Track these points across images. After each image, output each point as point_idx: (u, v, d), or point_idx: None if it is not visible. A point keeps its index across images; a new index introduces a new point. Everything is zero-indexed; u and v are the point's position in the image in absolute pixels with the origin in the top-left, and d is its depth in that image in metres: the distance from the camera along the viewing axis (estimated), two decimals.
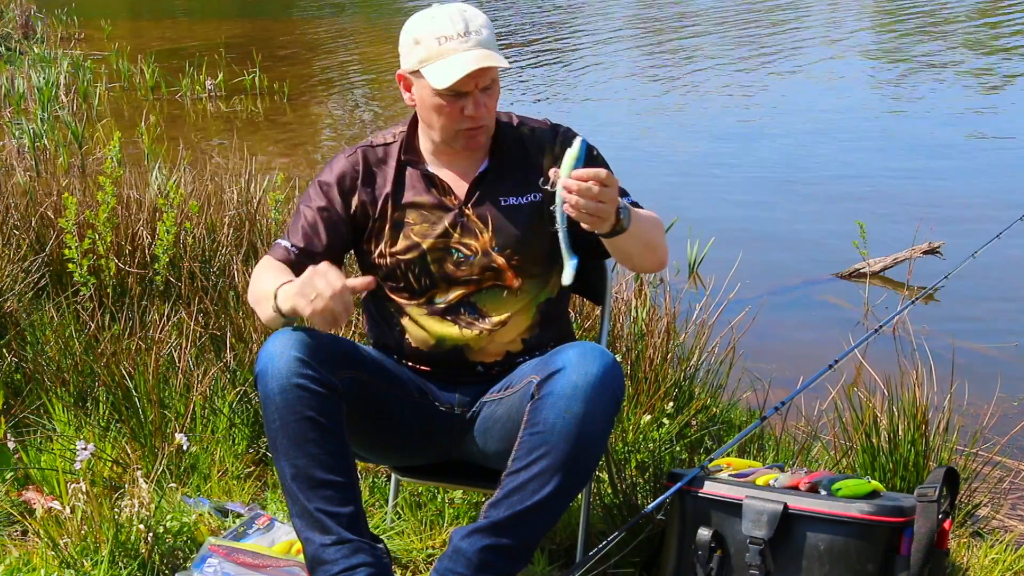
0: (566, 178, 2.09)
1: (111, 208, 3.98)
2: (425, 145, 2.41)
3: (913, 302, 3.29)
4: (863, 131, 8.59)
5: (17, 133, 8.29)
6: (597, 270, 2.60)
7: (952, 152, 7.94)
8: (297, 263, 2.33)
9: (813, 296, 5.50)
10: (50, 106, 9.21)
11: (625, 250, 2.29)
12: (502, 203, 2.37)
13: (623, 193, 2.30)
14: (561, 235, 2.16)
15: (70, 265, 3.80)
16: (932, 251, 5.42)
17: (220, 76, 11.03)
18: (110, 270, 3.91)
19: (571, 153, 2.11)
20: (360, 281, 2.14)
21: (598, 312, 3.13)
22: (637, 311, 3.74)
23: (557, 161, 2.22)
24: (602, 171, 2.09)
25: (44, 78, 9.89)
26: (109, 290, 3.89)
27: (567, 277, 2.17)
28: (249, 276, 3.70)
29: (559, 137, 2.39)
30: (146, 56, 11.47)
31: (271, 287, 2.23)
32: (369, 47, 14.38)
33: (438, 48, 2.22)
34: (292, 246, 2.38)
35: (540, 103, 10.06)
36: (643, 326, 3.63)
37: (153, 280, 4.01)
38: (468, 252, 2.36)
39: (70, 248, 3.78)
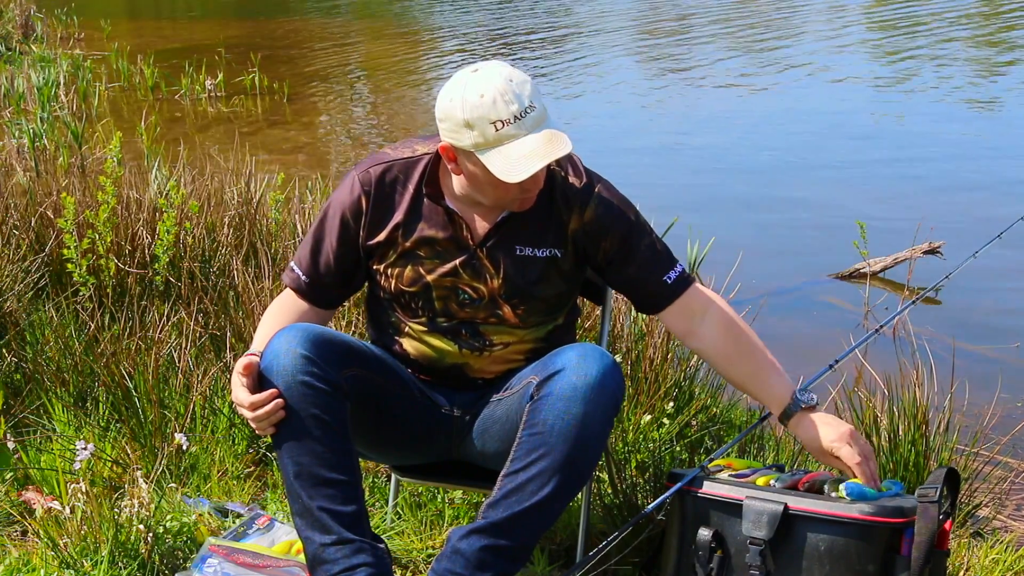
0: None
1: (111, 208, 3.97)
2: (452, 185, 2.30)
3: (913, 302, 3.27)
4: (864, 131, 8.58)
5: (17, 133, 8.27)
6: None
7: (953, 151, 7.93)
8: (309, 291, 2.40)
9: (813, 296, 5.48)
10: (50, 106, 9.19)
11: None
12: (517, 252, 2.30)
13: (669, 261, 2.33)
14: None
15: (69, 265, 3.80)
16: (932, 251, 5.41)
17: (220, 76, 11.01)
18: (110, 270, 3.90)
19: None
20: (261, 396, 2.19)
21: (598, 312, 3.12)
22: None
23: (583, 225, 2.28)
24: (854, 451, 2.23)
25: (44, 78, 9.87)
26: (109, 290, 3.88)
27: None
28: (249, 276, 3.74)
29: (592, 203, 2.29)
30: (146, 56, 11.45)
31: (255, 342, 2.38)
32: (368, 46, 14.37)
33: (495, 134, 2.10)
34: (303, 275, 2.40)
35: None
36: (643, 326, 3.63)
37: (153, 280, 4.00)
38: (475, 296, 2.31)
39: (69, 248, 3.77)
